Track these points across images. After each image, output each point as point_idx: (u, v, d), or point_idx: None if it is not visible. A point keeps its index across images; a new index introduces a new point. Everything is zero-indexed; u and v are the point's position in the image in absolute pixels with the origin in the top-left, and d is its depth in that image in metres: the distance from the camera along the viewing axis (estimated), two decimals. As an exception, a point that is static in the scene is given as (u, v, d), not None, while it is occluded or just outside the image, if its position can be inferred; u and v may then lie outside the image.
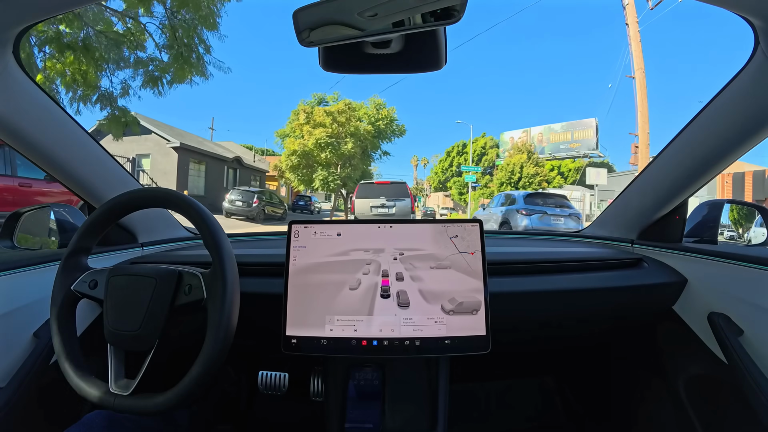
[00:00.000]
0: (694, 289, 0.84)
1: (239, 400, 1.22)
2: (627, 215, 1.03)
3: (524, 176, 22.83)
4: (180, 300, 0.58)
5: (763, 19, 0.53)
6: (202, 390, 0.54)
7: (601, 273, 0.88)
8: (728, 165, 0.77)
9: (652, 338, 0.95)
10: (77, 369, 0.58)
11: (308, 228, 0.73)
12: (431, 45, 0.56)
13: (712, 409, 0.80)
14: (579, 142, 23.59)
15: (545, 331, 0.95)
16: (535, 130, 26.02)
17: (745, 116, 0.66)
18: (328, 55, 0.59)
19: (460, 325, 0.67)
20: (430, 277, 0.69)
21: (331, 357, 0.76)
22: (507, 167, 23.47)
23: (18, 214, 0.92)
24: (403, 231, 0.72)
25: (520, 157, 23.54)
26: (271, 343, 0.70)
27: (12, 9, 0.51)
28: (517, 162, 23.26)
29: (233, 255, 0.58)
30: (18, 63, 0.62)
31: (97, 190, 0.83)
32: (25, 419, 0.68)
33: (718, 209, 0.93)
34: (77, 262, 0.64)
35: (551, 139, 24.87)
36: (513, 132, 27.64)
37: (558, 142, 24.56)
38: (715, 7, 0.52)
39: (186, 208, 0.60)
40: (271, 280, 0.77)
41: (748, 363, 0.68)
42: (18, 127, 0.66)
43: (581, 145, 23.44)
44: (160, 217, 1.04)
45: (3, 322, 0.66)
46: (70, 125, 0.75)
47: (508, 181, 23.28)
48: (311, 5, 0.49)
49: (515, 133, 27.31)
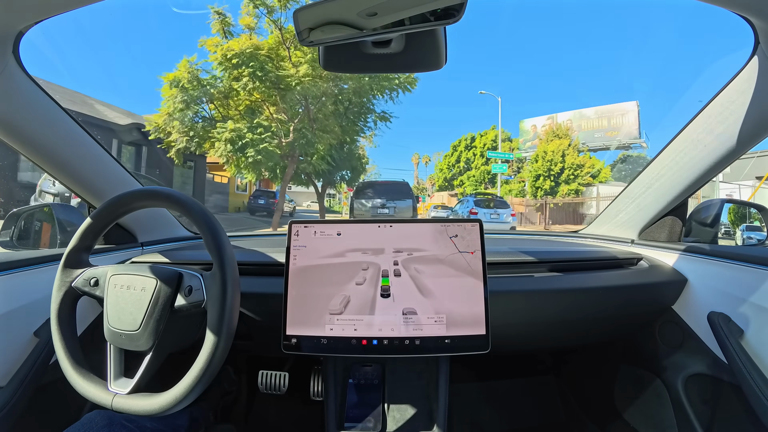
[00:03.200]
0: (693, 289, 0.84)
1: (239, 400, 1.22)
2: (627, 215, 1.03)
3: (567, 167, 16.78)
4: (180, 301, 0.58)
5: (763, 19, 0.53)
6: (200, 391, 0.54)
7: (600, 272, 0.88)
8: (728, 164, 0.77)
9: (652, 338, 0.95)
10: (76, 365, 0.58)
11: (308, 228, 0.73)
12: (431, 44, 0.56)
13: (712, 409, 0.80)
14: (617, 129, 18.90)
15: (545, 331, 0.95)
16: (562, 116, 21.02)
17: (744, 116, 0.66)
18: (328, 55, 0.59)
19: (460, 324, 0.67)
20: (430, 277, 0.69)
21: (331, 357, 0.76)
22: (544, 156, 17.38)
23: (18, 214, 0.92)
24: (403, 230, 0.72)
25: (560, 143, 17.51)
26: (271, 343, 0.70)
27: (12, 9, 0.51)
28: (556, 149, 17.17)
29: (234, 257, 0.58)
30: (18, 63, 0.62)
31: (97, 190, 0.83)
32: (25, 419, 0.68)
33: (717, 209, 0.93)
34: (79, 260, 0.64)
35: (582, 127, 19.99)
36: (535, 119, 22.41)
37: (592, 130, 19.64)
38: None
39: (187, 208, 0.60)
40: (271, 280, 0.77)
41: (747, 363, 0.68)
42: (18, 127, 0.66)
43: (620, 132, 18.82)
44: (160, 217, 1.04)
45: (3, 322, 0.66)
46: (70, 125, 0.75)
47: (547, 173, 17.03)
48: (311, 5, 0.49)
49: (538, 120, 22.17)
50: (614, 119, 19.20)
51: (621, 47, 38.16)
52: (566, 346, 1.19)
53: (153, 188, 0.64)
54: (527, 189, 18.33)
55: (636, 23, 37.85)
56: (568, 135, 18.35)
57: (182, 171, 12.44)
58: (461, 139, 29.87)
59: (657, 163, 0.89)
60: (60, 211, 0.93)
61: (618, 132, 18.86)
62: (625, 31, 40.29)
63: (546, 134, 19.25)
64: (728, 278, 0.75)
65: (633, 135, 18.36)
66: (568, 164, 16.78)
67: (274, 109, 8.96)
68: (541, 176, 17.11)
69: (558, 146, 17.32)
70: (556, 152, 17.09)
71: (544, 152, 17.52)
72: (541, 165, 17.26)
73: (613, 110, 19.33)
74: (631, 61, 35.59)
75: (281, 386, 0.79)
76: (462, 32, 28.62)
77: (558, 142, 17.56)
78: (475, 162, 26.48)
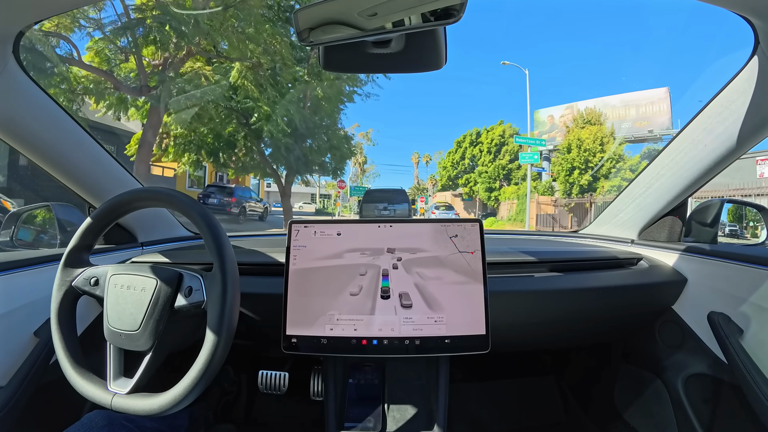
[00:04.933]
0: (693, 289, 0.84)
1: (239, 400, 1.22)
2: (627, 215, 1.03)
3: (609, 158, 13.88)
4: (180, 302, 0.58)
5: (763, 19, 0.53)
6: (200, 391, 0.54)
7: (600, 272, 0.88)
8: (728, 164, 0.77)
9: (652, 338, 0.95)
10: (75, 365, 0.58)
11: (308, 227, 0.73)
12: (431, 44, 0.56)
13: (712, 409, 0.80)
14: (646, 119, 15.98)
15: (545, 331, 0.95)
16: (583, 104, 17.51)
17: (744, 116, 0.66)
18: (328, 55, 0.59)
19: (460, 324, 0.67)
20: (429, 277, 0.69)
21: (331, 356, 0.76)
22: (579, 145, 13.82)
23: (18, 213, 0.92)
24: (403, 230, 0.72)
25: (595, 130, 14.01)
26: (271, 343, 0.70)
27: (12, 9, 0.51)
28: (589, 137, 13.77)
29: (234, 258, 0.58)
30: (18, 63, 0.62)
31: (97, 190, 0.83)
32: (25, 419, 0.68)
33: (717, 209, 0.93)
34: (79, 258, 0.64)
35: (608, 116, 16.92)
36: (552, 109, 18.97)
37: (619, 119, 16.54)
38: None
39: (188, 209, 0.60)
40: (271, 280, 0.77)
41: (747, 363, 0.68)
42: (18, 127, 0.66)
43: (650, 123, 15.97)
44: (160, 217, 1.04)
45: (3, 322, 0.66)
46: (70, 124, 0.75)
47: (584, 166, 13.77)
48: (311, 5, 0.49)
49: (555, 110, 18.80)
50: (642, 108, 16.27)
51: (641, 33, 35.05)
52: (566, 346, 1.19)
53: (153, 188, 0.64)
54: (556, 186, 15.08)
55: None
56: (602, 121, 15.25)
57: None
58: (466, 134, 26.89)
59: (657, 163, 0.90)
60: (60, 211, 0.93)
61: (648, 122, 15.98)
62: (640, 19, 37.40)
63: (574, 121, 16.16)
64: (728, 278, 0.75)
65: (665, 125, 15.66)
66: (607, 155, 13.76)
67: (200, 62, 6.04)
68: (576, 169, 13.68)
69: (595, 134, 13.85)
70: (594, 140, 13.54)
71: (579, 140, 13.92)
72: (577, 156, 13.73)
73: (640, 98, 16.45)
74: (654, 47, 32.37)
75: (281, 386, 0.79)
76: (464, 27, 27.28)
77: (592, 129, 14.17)
78: (482, 159, 23.72)
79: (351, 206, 24.88)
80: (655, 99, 16.20)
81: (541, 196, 15.77)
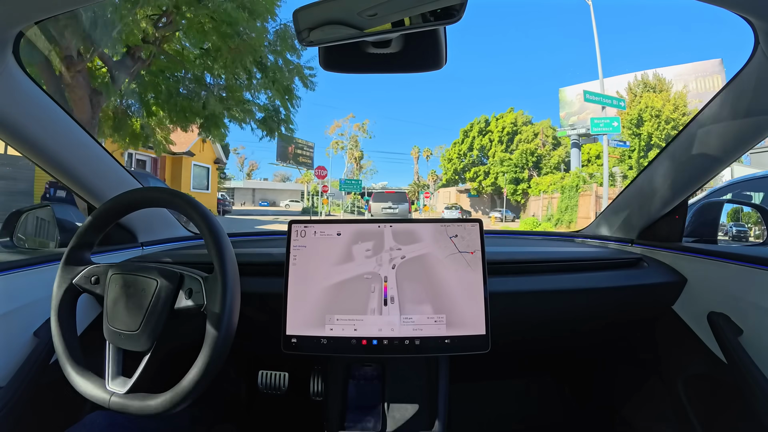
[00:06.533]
0: (693, 289, 0.84)
1: (239, 400, 1.22)
2: (627, 215, 1.03)
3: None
4: (180, 303, 0.58)
5: (763, 19, 0.53)
6: (200, 392, 0.54)
7: (601, 273, 0.88)
8: (728, 165, 0.77)
9: (652, 338, 0.95)
10: (74, 363, 0.58)
11: (308, 227, 0.73)
12: (431, 45, 0.56)
13: (712, 409, 0.80)
14: (699, 96, 14.13)
15: (545, 331, 0.95)
16: (617, 80, 15.53)
17: (745, 116, 0.66)
18: (328, 55, 0.59)
19: (460, 324, 0.67)
20: (429, 277, 0.69)
21: (331, 356, 0.76)
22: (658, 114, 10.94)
23: (18, 213, 0.92)
24: (403, 230, 0.72)
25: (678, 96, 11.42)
26: (271, 343, 0.70)
27: (12, 9, 0.51)
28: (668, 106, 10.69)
29: (234, 259, 0.58)
30: (18, 63, 0.62)
31: (97, 190, 0.83)
32: (25, 419, 0.68)
33: (717, 209, 0.93)
34: (80, 256, 0.64)
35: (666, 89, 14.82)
36: (583, 85, 16.42)
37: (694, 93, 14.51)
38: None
39: (188, 209, 0.60)
40: (271, 280, 0.77)
41: (747, 363, 0.68)
42: (18, 127, 0.66)
43: (704, 101, 9.29)
44: (160, 217, 1.04)
45: (3, 322, 0.66)
46: (70, 125, 0.75)
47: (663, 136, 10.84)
48: (311, 5, 0.49)
49: (586, 87, 15.65)
50: (693, 83, 14.48)
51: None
52: (566, 346, 1.19)
53: (154, 188, 0.64)
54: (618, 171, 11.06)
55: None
56: (667, 88, 12.49)
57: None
58: (473, 122, 24.28)
59: (657, 163, 0.90)
60: (60, 211, 0.93)
61: (700, 100, 13.87)
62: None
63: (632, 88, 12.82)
64: (728, 278, 0.75)
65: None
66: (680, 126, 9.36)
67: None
68: (655, 145, 10.11)
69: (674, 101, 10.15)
70: (676, 109, 10.00)
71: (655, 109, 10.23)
72: (654, 127, 10.14)
73: (690, 71, 14.62)
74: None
75: (281, 386, 0.79)
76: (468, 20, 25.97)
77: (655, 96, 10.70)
78: (492, 149, 21.58)
79: (344, 205, 23.32)
80: (708, 72, 14.37)
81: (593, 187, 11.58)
